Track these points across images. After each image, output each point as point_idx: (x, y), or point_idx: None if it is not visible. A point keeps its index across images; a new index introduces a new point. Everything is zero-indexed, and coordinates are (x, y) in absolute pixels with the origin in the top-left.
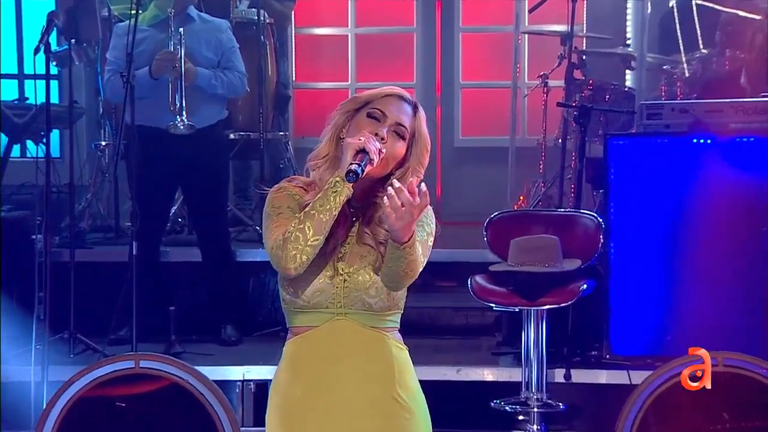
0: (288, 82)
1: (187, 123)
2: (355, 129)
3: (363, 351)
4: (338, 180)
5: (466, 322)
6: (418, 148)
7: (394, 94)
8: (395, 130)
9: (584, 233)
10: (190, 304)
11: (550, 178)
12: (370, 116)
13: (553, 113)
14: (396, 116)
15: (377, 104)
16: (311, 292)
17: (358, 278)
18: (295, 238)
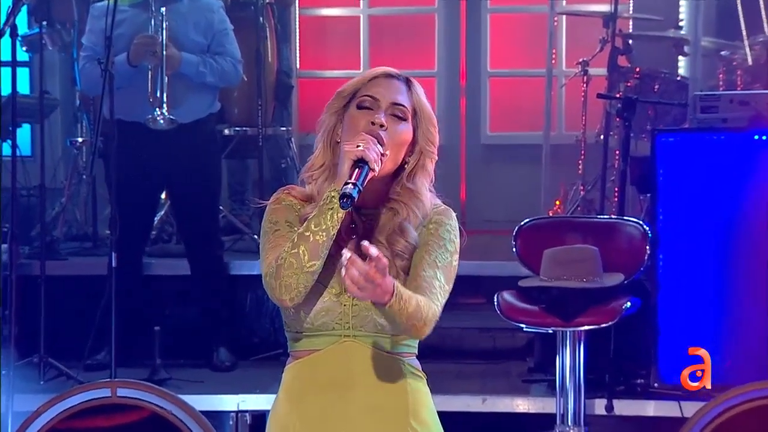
0: (291, 69)
1: (167, 117)
2: (349, 127)
3: (373, 378)
4: (334, 194)
5: (493, 344)
6: (424, 125)
7: (379, 75)
8: (393, 112)
9: (628, 243)
10: (177, 323)
11: (590, 180)
12: (361, 107)
13: (593, 106)
14: (389, 97)
15: (365, 91)
16: (315, 313)
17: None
18: (288, 265)
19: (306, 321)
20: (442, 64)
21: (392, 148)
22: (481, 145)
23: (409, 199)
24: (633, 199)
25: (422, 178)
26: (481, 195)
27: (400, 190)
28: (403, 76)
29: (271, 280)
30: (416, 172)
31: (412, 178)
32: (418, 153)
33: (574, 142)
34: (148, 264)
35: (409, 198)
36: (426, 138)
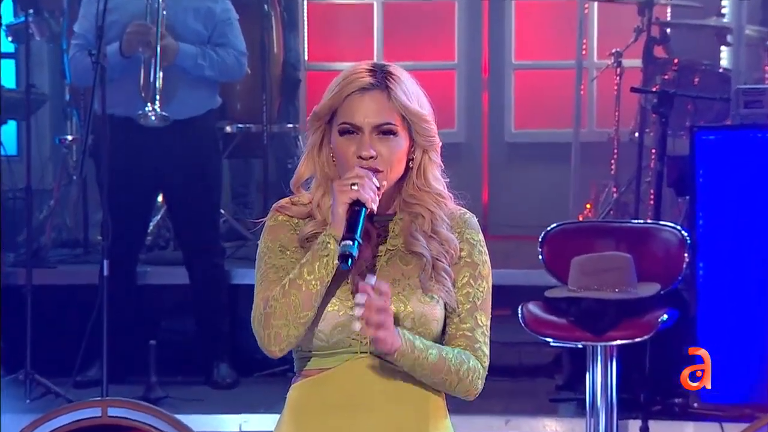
0: (298, 61)
1: (159, 113)
2: (340, 159)
3: (392, 397)
4: (329, 240)
5: (517, 360)
6: (416, 124)
7: (355, 91)
8: (379, 132)
9: (665, 250)
10: (174, 337)
11: (624, 181)
12: (343, 134)
13: (627, 100)
14: (370, 120)
15: (343, 116)
16: (330, 329)
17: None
18: (279, 315)
19: (320, 339)
20: (462, 56)
21: (391, 166)
22: (504, 143)
23: (427, 199)
24: (670, 203)
25: (432, 171)
26: (504, 198)
27: (413, 191)
28: (380, 74)
29: (259, 328)
30: (424, 168)
31: (423, 174)
32: (419, 150)
33: (606, 140)
34: (143, 272)
35: (428, 197)
36: (422, 135)
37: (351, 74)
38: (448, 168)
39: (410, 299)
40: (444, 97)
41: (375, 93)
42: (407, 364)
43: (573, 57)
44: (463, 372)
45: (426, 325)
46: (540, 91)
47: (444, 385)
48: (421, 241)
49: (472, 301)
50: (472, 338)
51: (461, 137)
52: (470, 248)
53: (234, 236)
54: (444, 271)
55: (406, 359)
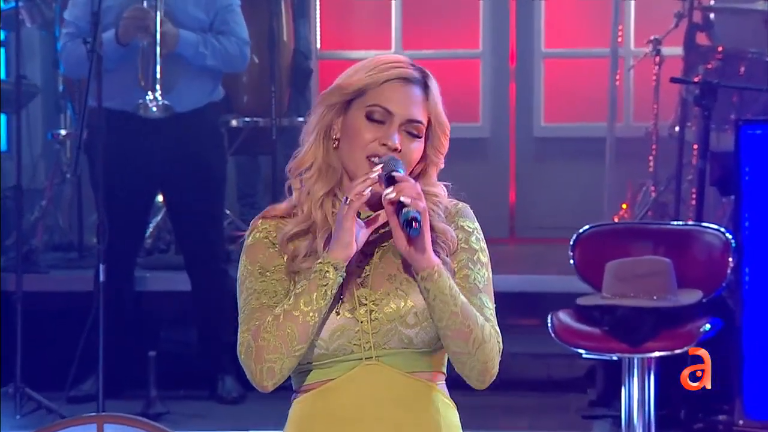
0: (309, 50)
1: (161, 102)
2: (353, 138)
3: (400, 408)
4: (328, 268)
5: (546, 373)
6: (436, 135)
7: (397, 78)
8: (408, 129)
9: (708, 254)
10: (176, 348)
11: (663, 179)
12: (370, 118)
13: (667, 92)
14: (406, 112)
15: (376, 98)
16: (329, 335)
17: (389, 305)
18: (273, 348)
19: (319, 347)
20: (487, 43)
21: (410, 167)
22: (533, 138)
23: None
24: (713, 203)
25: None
26: (533, 197)
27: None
28: (420, 74)
29: (250, 362)
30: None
31: (425, 173)
32: (423, 160)
33: (644, 134)
34: (142, 278)
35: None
36: (435, 149)
37: (391, 61)
38: (472, 165)
39: (409, 293)
40: (468, 89)
41: (417, 88)
42: (440, 290)
43: (607, 44)
44: (486, 333)
45: (429, 317)
46: (571, 81)
47: (467, 341)
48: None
49: (473, 284)
50: (483, 316)
51: (486, 132)
52: (466, 235)
53: (240, 239)
54: (444, 262)
55: (441, 283)
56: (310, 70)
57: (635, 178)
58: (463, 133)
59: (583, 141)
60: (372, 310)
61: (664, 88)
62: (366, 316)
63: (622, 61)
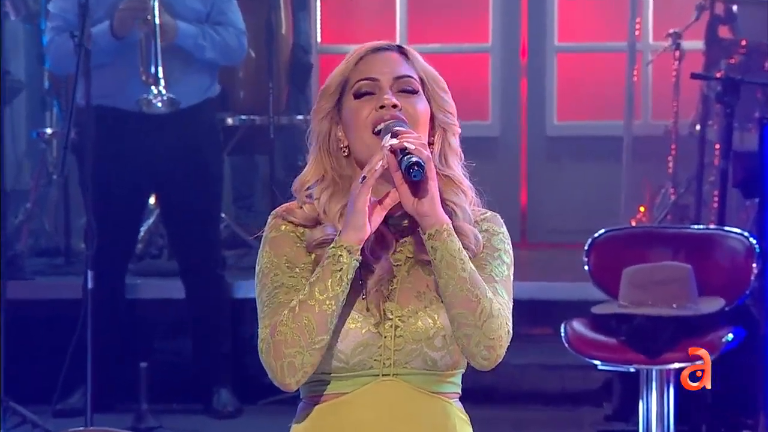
0: (309, 44)
1: (166, 97)
2: (354, 123)
3: (417, 425)
4: (341, 253)
5: (560, 386)
6: (436, 93)
7: (369, 51)
8: (400, 88)
9: (730, 260)
10: (168, 359)
11: (683, 180)
12: (359, 96)
13: (687, 88)
14: (389, 71)
15: (356, 76)
16: (351, 349)
17: (416, 324)
18: (292, 342)
19: (339, 360)
20: (497, 37)
21: (417, 123)
22: (545, 137)
23: (447, 189)
24: (736, 205)
25: (454, 159)
26: (546, 200)
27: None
28: (394, 45)
29: (270, 359)
30: (445, 153)
31: (445, 161)
32: (439, 129)
33: (663, 133)
34: (133, 285)
35: (448, 186)
36: (442, 108)
37: (360, 47)
38: (481, 166)
39: (440, 314)
40: (476, 85)
41: (391, 53)
42: (448, 250)
43: (625, 38)
44: (495, 308)
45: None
46: (586, 77)
47: (475, 311)
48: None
49: (489, 274)
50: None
51: (496, 131)
52: (489, 236)
53: (236, 243)
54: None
55: (450, 244)
56: (310, 65)
57: (653, 179)
58: (472, 131)
59: (599, 140)
60: (397, 326)
61: (684, 84)
62: (390, 332)
63: (640, 55)
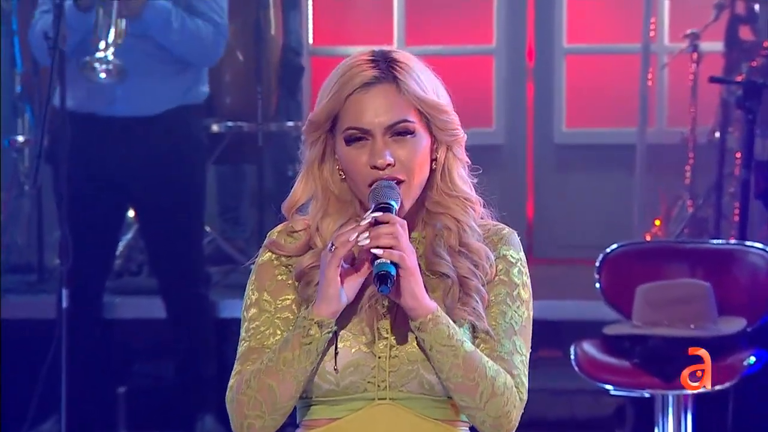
0: (301, 46)
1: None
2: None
3: None
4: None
5: (570, 412)
6: (435, 117)
7: (358, 88)
8: (393, 134)
9: (752, 277)
10: (149, 382)
11: (701, 192)
12: (350, 144)
13: (706, 93)
14: (379, 121)
15: (346, 120)
16: (342, 369)
17: (412, 344)
18: (254, 405)
19: (328, 382)
20: (502, 38)
21: (413, 171)
22: (554, 145)
23: (453, 206)
24: (759, 218)
25: (458, 170)
26: (554, 212)
27: (438, 197)
28: (383, 63)
29: (233, 412)
30: (449, 167)
31: (448, 175)
32: (443, 148)
33: (680, 141)
34: (111, 304)
35: (454, 203)
36: (444, 130)
37: (349, 69)
38: (485, 175)
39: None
40: (479, 89)
41: (382, 87)
42: (437, 341)
43: (638, 39)
44: (499, 386)
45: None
46: (597, 81)
47: (474, 395)
48: (446, 259)
49: (509, 323)
50: (510, 362)
51: (500, 138)
52: (507, 266)
53: (222, 260)
54: (476, 291)
55: (437, 333)
56: (301, 68)
57: (670, 190)
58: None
59: (611, 148)
60: (393, 345)
61: (702, 88)
62: (385, 352)
63: (655, 58)
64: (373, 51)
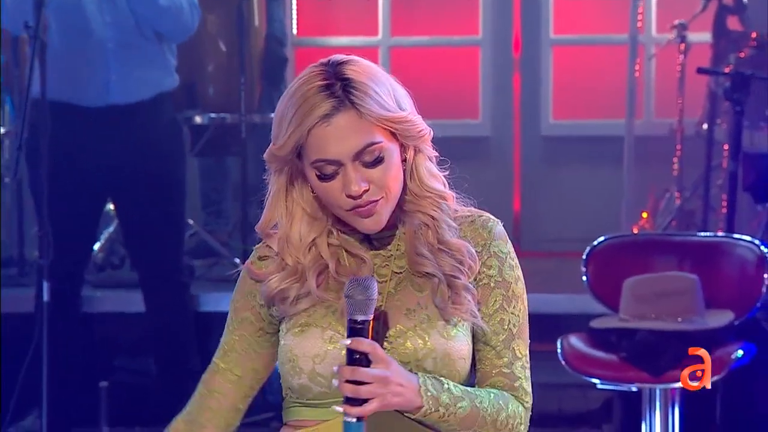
0: (285, 36)
1: None
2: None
3: None
4: None
5: (556, 406)
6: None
7: (318, 121)
8: (362, 161)
9: (740, 270)
10: (131, 378)
11: (689, 184)
12: (322, 178)
13: (694, 84)
14: (347, 150)
15: (312, 153)
16: (332, 372)
17: (405, 344)
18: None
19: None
20: (488, 29)
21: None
22: (540, 137)
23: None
24: (747, 211)
25: (426, 166)
26: (541, 205)
27: (410, 196)
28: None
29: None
30: (416, 166)
31: (416, 174)
32: (410, 148)
33: (668, 133)
34: (92, 298)
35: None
36: (410, 135)
37: (304, 100)
38: (471, 168)
39: (431, 333)
40: (466, 81)
41: (342, 116)
42: (431, 420)
43: (626, 30)
44: (501, 421)
45: (451, 365)
46: (584, 72)
47: None
48: (429, 258)
49: (507, 330)
50: (511, 375)
51: (487, 130)
52: (500, 264)
53: (205, 252)
54: (465, 289)
55: (429, 419)
56: (285, 60)
57: (657, 182)
58: (461, 131)
59: (598, 140)
60: (384, 348)
61: (690, 79)
62: None
63: (642, 49)
64: (324, 68)
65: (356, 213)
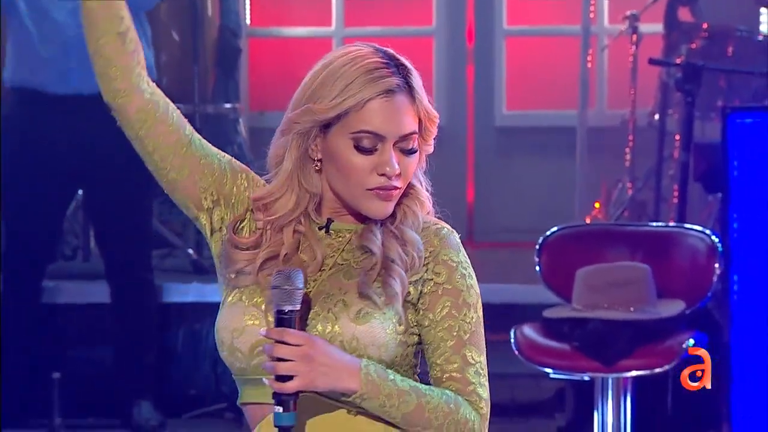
0: (239, 26)
1: None
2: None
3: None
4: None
5: (509, 396)
6: (427, 130)
7: (381, 94)
8: (401, 146)
9: (691, 260)
10: (85, 368)
11: (641, 174)
12: (359, 147)
13: (645, 75)
14: (398, 129)
15: (361, 123)
16: (249, 349)
17: (316, 327)
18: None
19: (239, 360)
20: (441, 19)
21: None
22: (494, 127)
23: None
24: (698, 201)
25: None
26: (494, 196)
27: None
28: (397, 69)
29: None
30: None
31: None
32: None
33: (620, 124)
34: (50, 288)
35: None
36: (427, 140)
37: (369, 71)
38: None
39: (340, 318)
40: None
41: (401, 96)
42: (374, 409)
43: (578, 21)
44: (449, 425)
45: (360, 350)
46: (538, 63)
47: None
48: (377, 237)
49: (456, 336)
50: (463, 380)
51: (440, 120)
52: (449, 271)
53: (159, 243)
54: (398, 276)
55: (368, 405)
56: (238, 50)
57: (610, 173)
58: None
59: (551, 131)
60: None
61: (642, 70)
62: None
63: (595, 40)
64: (378, 50)
65: (377, 194)
